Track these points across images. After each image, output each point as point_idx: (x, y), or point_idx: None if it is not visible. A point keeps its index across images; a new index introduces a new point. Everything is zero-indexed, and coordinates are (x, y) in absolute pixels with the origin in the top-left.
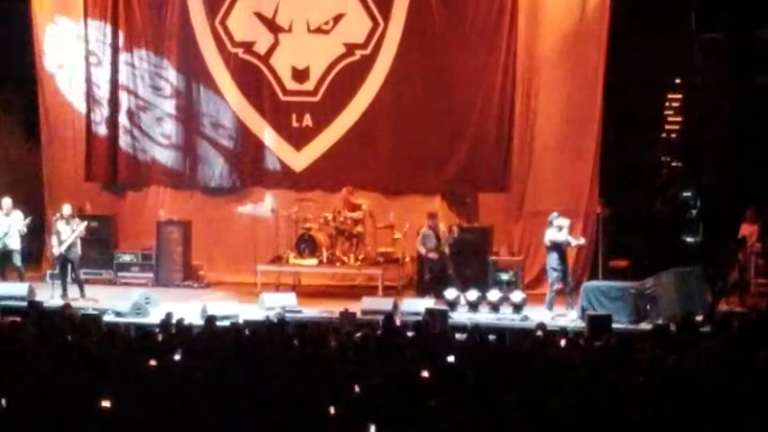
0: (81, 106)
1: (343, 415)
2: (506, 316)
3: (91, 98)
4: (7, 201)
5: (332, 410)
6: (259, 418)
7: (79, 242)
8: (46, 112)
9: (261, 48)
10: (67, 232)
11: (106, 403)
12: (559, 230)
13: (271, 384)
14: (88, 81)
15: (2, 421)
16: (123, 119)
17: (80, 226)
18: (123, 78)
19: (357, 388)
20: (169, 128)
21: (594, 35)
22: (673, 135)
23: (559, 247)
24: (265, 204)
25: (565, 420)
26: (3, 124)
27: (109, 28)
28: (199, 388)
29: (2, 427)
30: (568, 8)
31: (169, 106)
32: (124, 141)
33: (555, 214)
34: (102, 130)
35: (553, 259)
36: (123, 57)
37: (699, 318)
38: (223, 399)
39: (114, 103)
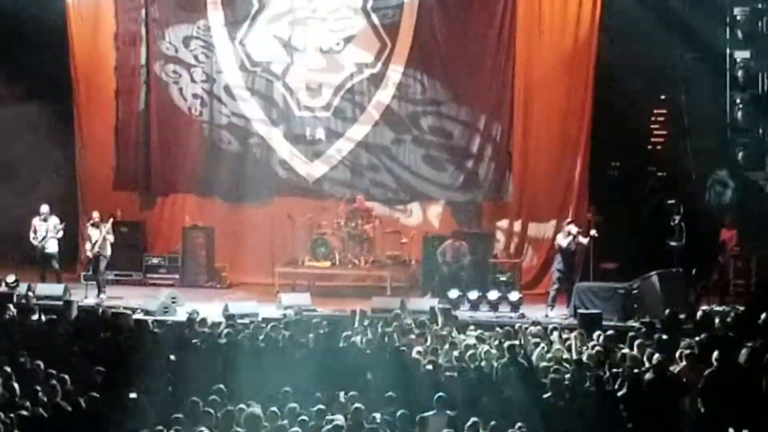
0: (111, 118)
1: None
2: (505, 314)
3: (120, 111)
4: (45, 207)
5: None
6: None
7: (108, 244)
8: (80, 122)
9: (277, 67)
10: (96, 236)
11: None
12: (567, 235)
13: None
14: (119, 94)
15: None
16: (149, 131)
17: (109, 231)
18: (151, 92)
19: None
20: (194, 140)
21: (585, 55)
22: (659, 147)
23: (563, 251)
24: None
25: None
26: (42, 131)
27: (137, 45)
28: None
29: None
30: (563, 30)
31: (192, 119)
32: (150, 151)
33: (568, 220)
34: (130, 141)
35: (557, 261)
36: (151, 72)
37: (682, 316)
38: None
39: (142, 116)
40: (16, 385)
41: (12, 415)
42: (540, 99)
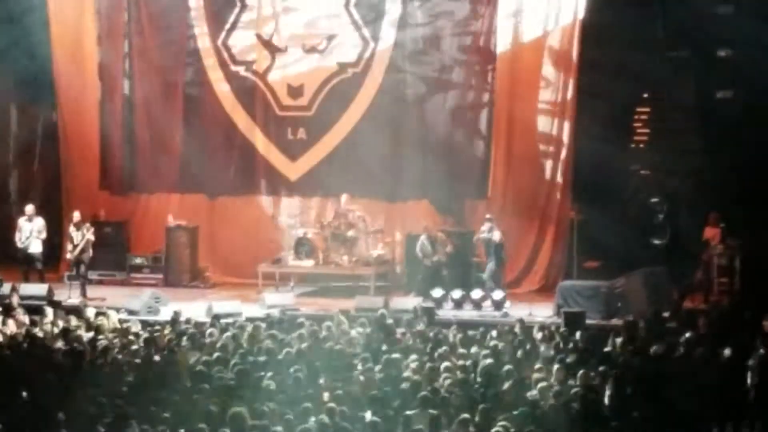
0: (95, 117)
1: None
2: (488, 313)
3: (104, 110)
4: (30, 207)
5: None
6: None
7: (90, 246)
8: (64, 121)
9: (260, 66)
10: (78, 237)
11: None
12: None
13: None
14: (103, 94)
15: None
16: (134, 131)
17: (89, 232)
18: (135, 91)
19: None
20: (177, 139)
21: (568, 52)
22: (642, 145)
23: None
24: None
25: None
26: (34, 132)
27: (121, 44)
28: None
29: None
30: (545, 27)
31: (174, 119)
32: (135, 150)
33: (487, 216)
34: (115, 141)
35: None
36: (135, 71)
37: (666, 314)
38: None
39: (126, 115)
40: None
41: None
42: (522, 96)
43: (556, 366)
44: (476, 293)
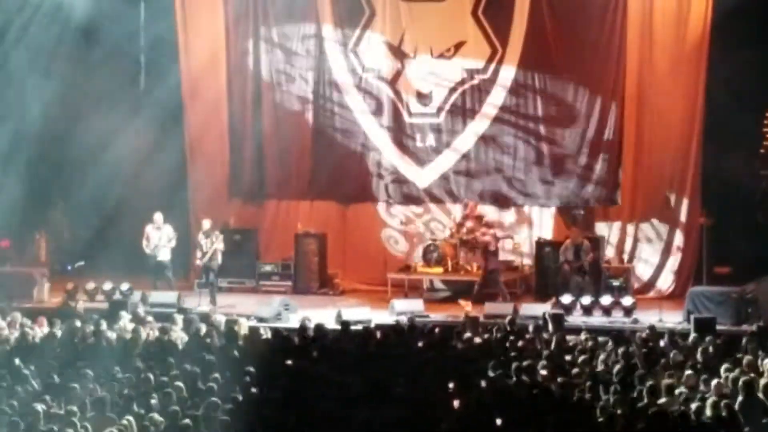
0: (224, 126)
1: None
2: (618, 320)
3: (233, 118)
4: (158, 215)
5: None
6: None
7: (219, 254)
8: (191, 130)
9: (388, 73)
10: (207, 245)
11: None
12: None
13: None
14: (231, 103)
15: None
16: (263, 138)
17: (219, 240)
18: (263, 98)
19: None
20: (305, 147)
21: (696, 55)
22: None
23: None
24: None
25: None
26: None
27: (249, 55)
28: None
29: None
30: (675, 31)
31: (304, 126)
32: (264, 159)
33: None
34: (245, 149)
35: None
36: (263, 80)
37: None
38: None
39: (255, 122)
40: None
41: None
42: (651, 102)
43: (687, 372)
44: (606, 299)
